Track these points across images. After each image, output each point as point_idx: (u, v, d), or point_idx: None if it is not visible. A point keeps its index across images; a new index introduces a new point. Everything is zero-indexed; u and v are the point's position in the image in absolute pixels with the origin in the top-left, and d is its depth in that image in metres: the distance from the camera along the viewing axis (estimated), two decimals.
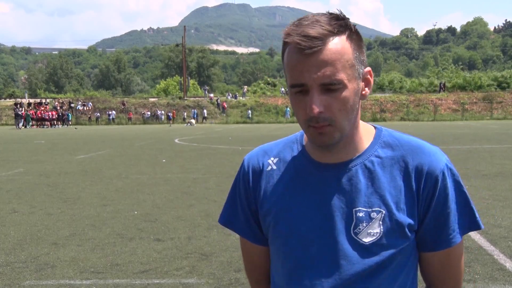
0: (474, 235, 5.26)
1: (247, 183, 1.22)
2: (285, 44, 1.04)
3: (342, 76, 1.01)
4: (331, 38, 1.00)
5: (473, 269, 4.21)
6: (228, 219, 1.27)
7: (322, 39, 0.99)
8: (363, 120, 1.18)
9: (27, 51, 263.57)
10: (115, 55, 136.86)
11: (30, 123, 47.29)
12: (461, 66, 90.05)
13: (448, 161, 1.13)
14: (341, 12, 1.05)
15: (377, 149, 1.14)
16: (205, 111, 52.69)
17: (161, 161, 13.55)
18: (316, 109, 1.00)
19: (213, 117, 53.58)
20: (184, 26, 68.08)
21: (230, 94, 63.44)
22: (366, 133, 1.15)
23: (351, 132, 1.10)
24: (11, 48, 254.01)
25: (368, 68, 1.09)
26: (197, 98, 60.24)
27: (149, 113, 53.52)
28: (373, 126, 1.19)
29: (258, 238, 1.24)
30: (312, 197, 1.13)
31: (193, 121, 47.45)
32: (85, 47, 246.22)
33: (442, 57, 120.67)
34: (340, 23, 1.02)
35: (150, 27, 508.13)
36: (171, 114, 52.12)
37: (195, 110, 52.84)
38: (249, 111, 52.15)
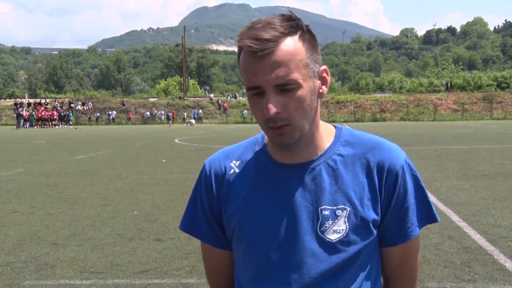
0: (474, 235, 5.26)
1: (209, 187, 1.21)
2: (239, 47, 1.05)
3: (296, 76, 1.02)
4: (282, 39, 1.01)
5: (473, 269, 4.21)
6: (190, 225, 1.26)
7: (274, 40, 1.00)
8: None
9: (27, 51, 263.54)
10: (115, 55, 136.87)
11: (33, 123, 47.37)
12: (461, 66, 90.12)
13: (407, 157, 1.16)
14: (292, 14, 1.06)
15: (338, 147, 1.15)
16: (200, 111, 52.55)
17: (161, 161, 13.55)
18: (273, 110, 1.01)
19: (213, 117, 53.60)
20: (184, 26, 68.07)
21: (230, 94, 63.38)
22: (326, 132, 1.17)
23: (312, 131, 1.12)
24: (11, 48, 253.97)
25: (324, 67, 1.10)
26: (197, 98, 60.24)
27: (148, 113, 53.49)
28: (333, 126, 1.21)
29: (221, 242, 1.23)
30: (276, 198, 1.13)
31: (193, 121, 47.46)
32: (85, 47, 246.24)
33: (442, 57, 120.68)
34: (291, 24, 1.03)
35: (150, 27, 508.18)
36: (171, 114, 52.07)
37: (196, 110, 52.84)
38: (245, 112, 52.15)
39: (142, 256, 4.79)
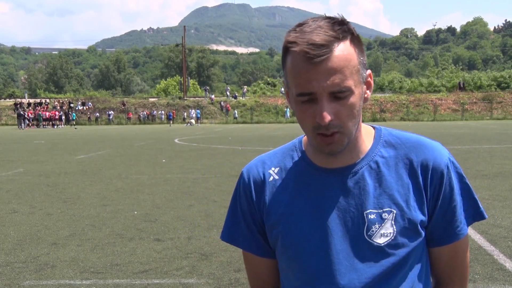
0: (474, 235, 5.26)
1: (249, 195, 1.19)
2: (287, 51, 1.02)
3: (350, 82, 1.00)
4: (336, 45, 0.99)
5: (473, 269, 4.21)
6: (231, 234, 1.24)
7: (329, 46, 0.98)
8: (363, 120, 1.17)
9: (27, 51, 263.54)
10: (115, 55, 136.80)
11: (41, 123, 47.56)
12: (461, 66, 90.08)
13: (450, 155, 1.14)
14: (342, 16, 1.04)
15: (379, 149, 1.14)
16: (198, 111, 52.43)
17: (161, 161, 13.55)
18: (328, 117, 1.00)
19: (213, 117, 53.60)
20: (184, 26, 68.05)
21: (228, 91, 63.17)
22: (366, 134, 1.15)
23: (355, 135, 1.10)
24: (11, 48, 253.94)
25: (369, 71, 1.09)
26: (197, 98, 60.24)
27: (144, 113, 53.43)
28: (372, 127, 1.19)
29: (264, 251, 1.21)
30: (320, 203, 1.12)
31: (193, 121, 47.47)
32: (85, 47, 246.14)
33: (442, 57, 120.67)
34: (343, 28, 1.01)
35: (150, 27, 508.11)
36: (172, 114, 51.96)
37: (198, 110, 52.81)
38: (235, 111, 52.05)
39: (142, 256, 4.79)
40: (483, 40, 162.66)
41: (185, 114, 52.55)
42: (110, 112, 54.00)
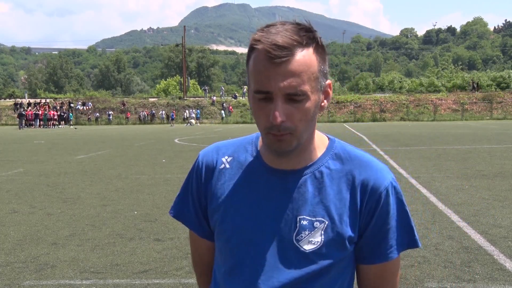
0: (474, 235, 5.26)
1: (199, 178, 1.24)
2: (252, 49, 1.05)
3: (306, 88, 1.03)
4: (299, 49, 1.02)
5: (473, 269, 4.21)
6: (179, 211, 1.29)
7: (291, 49, 1.01)
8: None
9: (27, 51, 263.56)
10: (115, 55, 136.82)
11: (46, 123, 47.60)
12: (461, 66, 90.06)
13: (394, 180, 1.16)
14: (309, 24, 1.07)
15: (328, 160, 1.16)
16: (198, 111, 52.33)
17: (161, 161, 13.55)
18: (279, 118, 1.02)
19: (213, 117, 53.61)
20: (184, 26, 68.05)
21: (223, 91, 62.93)
22: (319, 143, 1.18)
23: (307, 141, 1.13)
24: (11, 48, 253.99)
25: (329, 81, 1.12)
26: (197, 98, 60.24)
27: (144, 113, 53.42)
28: (327, 137, 1.21)
29: (206, 232, 1.26)
30: (260, 199, 1.15)
31: (193, 121, 47.47)
32: (85, 47, 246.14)
33: (442, 57, 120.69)
34: (308, 35, 1.04)
35: (150, 27, 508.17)
36: (173, 114, 51.85)
37: (198, 110, 52.81)
38: (223, 112, 51.96)
39: (142, 256, 4.79)
40: (483, 40, 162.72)
41: (185, 114, 52.53)
42: (110, 112, 54.01)
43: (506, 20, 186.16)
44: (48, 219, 6.50)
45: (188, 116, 50.74)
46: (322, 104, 1.11)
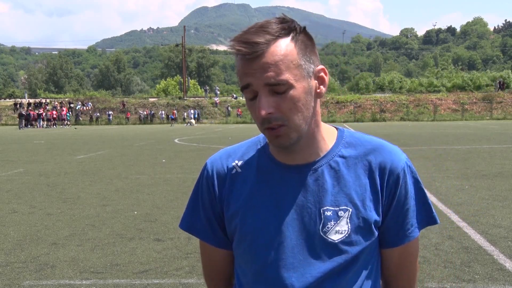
0: (474, 235, 5.26)
1: (211, 186, 1.21)
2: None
3: (286, 76, 1.02)
4: (273, 42, 1.02)
5: (473, 269, 4.21)
6: (190, 223, 1.26)
7: (264, 43, 1.01)
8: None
9: (26, 51, 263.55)
10: (114, 55, 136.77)
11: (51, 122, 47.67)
12: (461, 66, 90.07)
13: (408, 160, 1.18)
14: (286, 16, 1.07)
15: (341, 149, 1.16)
16: (197, 111, 52.25)
17: (161, 161, 13.55)
18: (263, 111, 1.02)
19: (213, 117, 53.61)
20: (184, 26, 68.09)
21: (218, 90, 62.85)
22: (328, 134, 1.18)
23: (312, 132, 1.12)
24: (11, 48, 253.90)
25: (321, 66, 1.10)
26: (197, 98, 60.23)
27: (145, 112, 53.41)
28: (335, 127, 1.22)
29: (221, 241, 1.24)
30: (278, 198, 1.14)
31: (193, 121, 47.46)
32: (85, 47, 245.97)
33: (442, 57, 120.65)
34: (282, 26, 1.04)
35: (150, 27, 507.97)
36: (173, 114, 51.84)
37: (197, 110, 52.80)
38: (195, 111, 51.64)
39: (142, 256, 4.79)
40: (483, 40, 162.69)
41: (185, 114, 52.52)
42: (109, 112, 54.00)
43: (506, 20, 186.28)
44: (48, 219, 6.50)
45: (187, 116, 50.72)
46: (318, 90, 1.10)
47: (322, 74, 1.10)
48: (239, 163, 1.21)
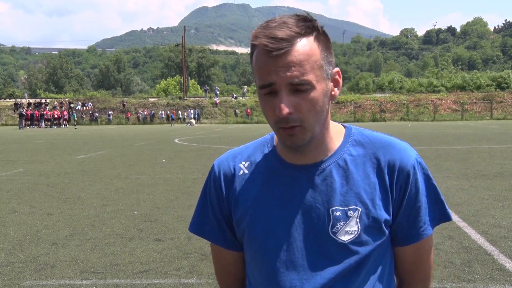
0: (474, 235, 5.26)
1: (218, 188, 1.20)
2: (253, 46, 1.04)
3: (310, 76, 1.01)
4: (298, 40, 1.00)
5: (473, 269, 4.21)
6: (199, 226, 1.25)
7: (290, 40, 0.99)
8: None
9: (26, 51, 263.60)
10: (115, 55, 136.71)
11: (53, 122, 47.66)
12: (461, 66, 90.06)
13: (418, 156, 1.16)
14: (308, 14, 1.06)
15: (348, 147, 1.15)
16: (197, 111, 52.16)
17: (161, 161, 13.55)
18: (286, 110, 1.00)
19: (213, 117, 53.61)
20: (184, 26, 68.10)
21: (217, 90, 62.83)
22: (336, 132, 1.16)
23: (322, 132, 1.11)
24: (11, 48, 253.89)
25: (337, 69, 1.09)
26: (197, 98, 60.23)
27: (145, 113, 53.39)
28: (343, 125, 1.20)
29: (231, 243, 1.22)
30: (287, 199, 1.13)
31: (193, 121, 47.47)
32: (85, 47, 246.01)
33: (442, 57, 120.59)
34: (307, 25, 1.03)
35: (150, 27, 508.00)
36: (172, 115, 51.85)
37: (197, 110, 52.80)
38: (195, 111, 51.60)
39: (142, 256, 4.78)
40: (483, 40, 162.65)
41: (185, 114, 52.51)
42: (110, 112, 54.01)
43: (506, 20, 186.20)
44: (48, 219, 6.50)
45: (186, 117, 50.69)
46: (333, 93, 1.09)
47: (337, 76, 1.10)
48: (246, 164, 1.20)
